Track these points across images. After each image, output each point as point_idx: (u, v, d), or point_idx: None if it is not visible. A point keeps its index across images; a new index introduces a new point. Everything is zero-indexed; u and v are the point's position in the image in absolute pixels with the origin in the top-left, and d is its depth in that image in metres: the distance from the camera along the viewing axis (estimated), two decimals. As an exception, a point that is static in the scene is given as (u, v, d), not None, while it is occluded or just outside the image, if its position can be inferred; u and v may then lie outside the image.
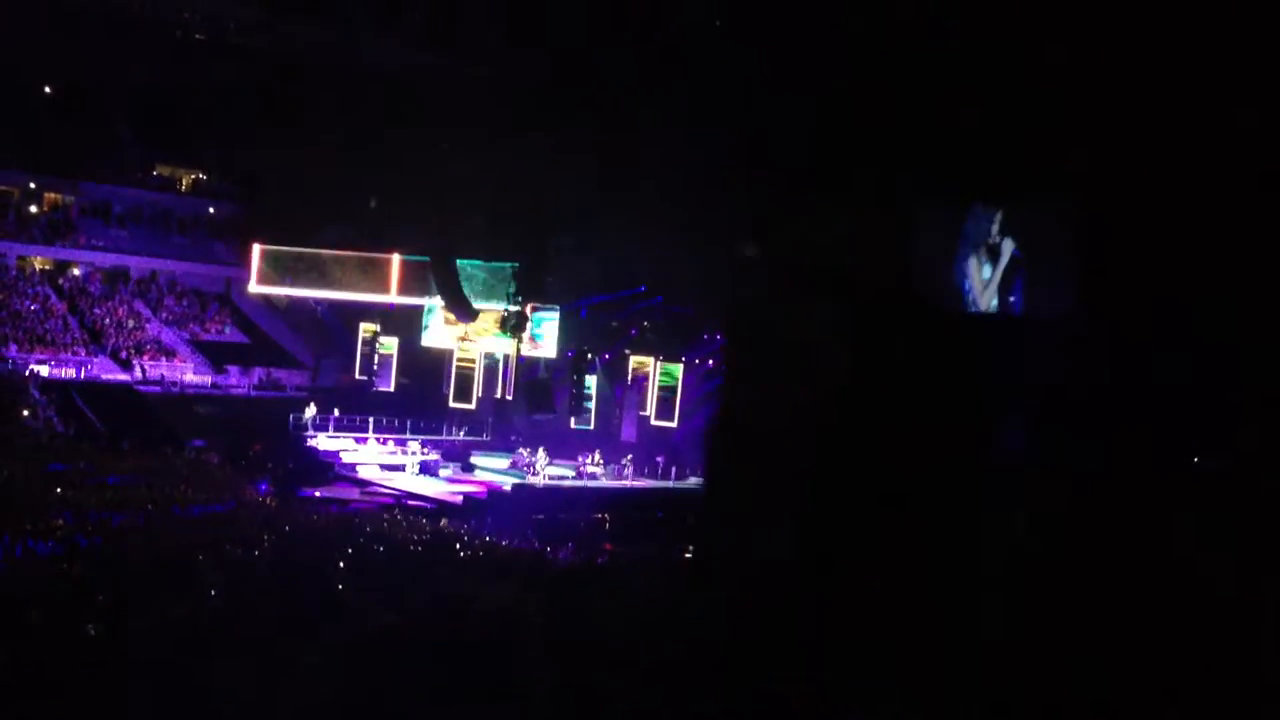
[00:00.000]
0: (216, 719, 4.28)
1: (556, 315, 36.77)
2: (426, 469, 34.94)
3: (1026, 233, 26.64)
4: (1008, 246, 26.86)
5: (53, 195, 47.08)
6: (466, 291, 35.25)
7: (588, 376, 36.85)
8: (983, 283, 27.38)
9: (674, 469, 33.97)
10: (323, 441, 36.19)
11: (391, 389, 39.91)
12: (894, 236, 27.60)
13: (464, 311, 35.93)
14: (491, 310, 35.84)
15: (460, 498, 30.63)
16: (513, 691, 3.92)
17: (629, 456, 35.40)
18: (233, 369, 42.98)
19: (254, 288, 42.26)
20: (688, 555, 25.63)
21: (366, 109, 33.92)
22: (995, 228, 27.16)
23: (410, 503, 30.13)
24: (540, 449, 34.07)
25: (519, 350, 35.73)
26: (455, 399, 38.51)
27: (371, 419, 38.05)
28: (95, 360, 40.16)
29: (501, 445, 38.53)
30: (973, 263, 27.51)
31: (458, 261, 35.10)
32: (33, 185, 46.14)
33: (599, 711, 3.66)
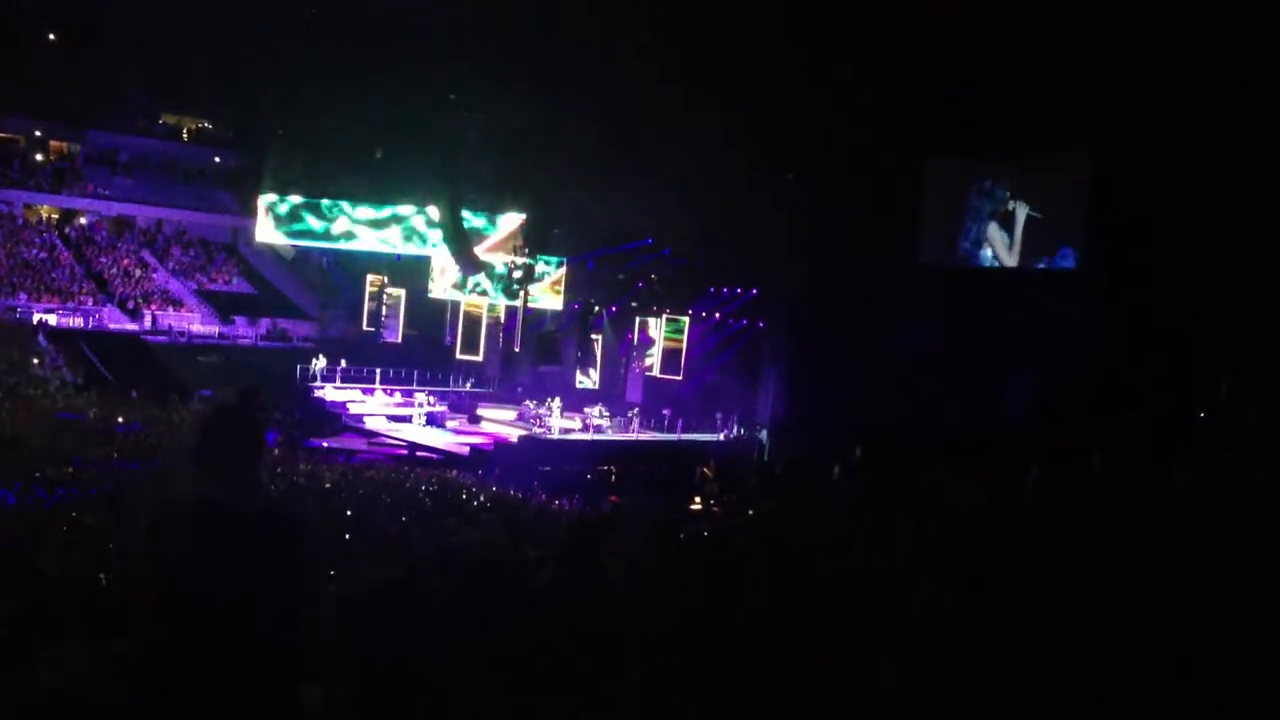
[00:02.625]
0: (225, 667, 4.31)
1: (563, 267, 36.74)
2: (433, 420, 35.02)
3: (1039, 193, 26.61)
4: (1021, 211, 26.76)
5: (58, 143, 46.93)
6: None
7: (593, 336, 36.84)
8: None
9: (680, 422, 34.01)
10: (330, 392, 36.26)
11: (398, 340, 39.92)
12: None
13: (470, 264, 35.85)
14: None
15: (467, 449, 30.71)
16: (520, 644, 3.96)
17: (635, 409, 35.46)
18: (240, 319, 43.05)
19: (260, 238, 42.17)
20: (694, 506, 25.78)
21: (373, 57, 33.60)
22: (1007, 194, 27.05)
23: (418, 454, 30.25)
24: (552, 400, 34.09)
25: (525, 303, 35.70)
26: (462, 351, 38.54)
27: (378, 370, 38.09)
28: (103, 309, 40.22)
29: (508, 397, 38.60)
30: (992, 229, 27.38)
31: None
32: (38, 133, 45.96)
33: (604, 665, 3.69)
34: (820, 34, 25.92)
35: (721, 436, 33.57)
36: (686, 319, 36.45)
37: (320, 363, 37.28)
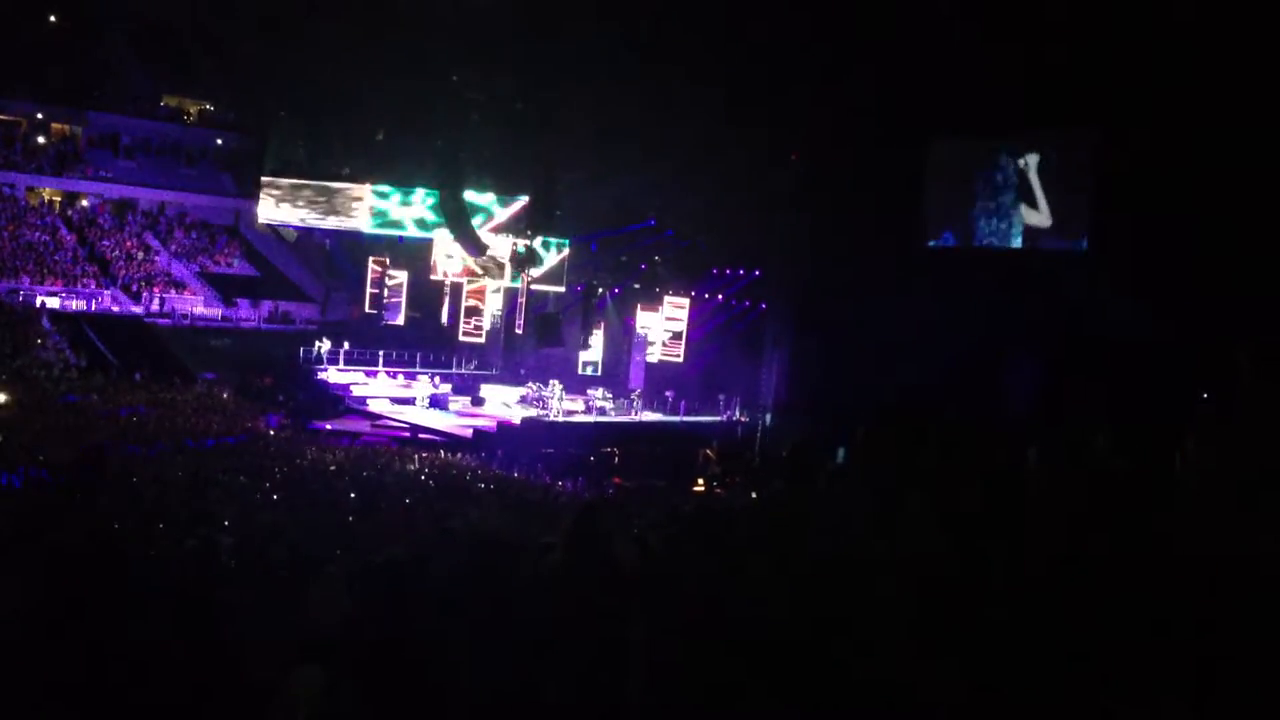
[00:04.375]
0: (228, 648, 4.33)
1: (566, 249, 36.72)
2: (436, 402, 35.05)
3: (1041, 168, 26.48)
4: (1033, 170, 26.57)
5: (60, 126, 46.78)
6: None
7: (594, 331, 36.83)
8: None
9: (683, 404, 34.02)
10: (333, 374, 36.29)
11: (401, 322, 39.92)
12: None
13: (473, 245, 35.80)
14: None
15: (470, 431, 30.75)
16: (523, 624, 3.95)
17: (638, 391, 35.49)
18: (242, 302, 43.02)
19: (262, 220, 42.10)
20: (696, 488, 25.85)
21: (376, 38, 33.51)
22: (1014, 163, 26.91)
23: (421, 436, 30.29)
24: (554, 382, 34.11)
25: (528, 284, 35.69)
26: (464, 333, 38.53)
27: (381, 352, 38.11)
28: (106, 292, 40.21)
29: (511, 379, 38.62)
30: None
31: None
32: (40, 116, 45.82)
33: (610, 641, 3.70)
34: (824, 14, 25.81)
35: (724, 418, 33.59)
36: (687, 301, 36.42)
37: (323, 345, 37.30)
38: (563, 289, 37.25)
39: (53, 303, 37.14)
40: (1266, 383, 3.63)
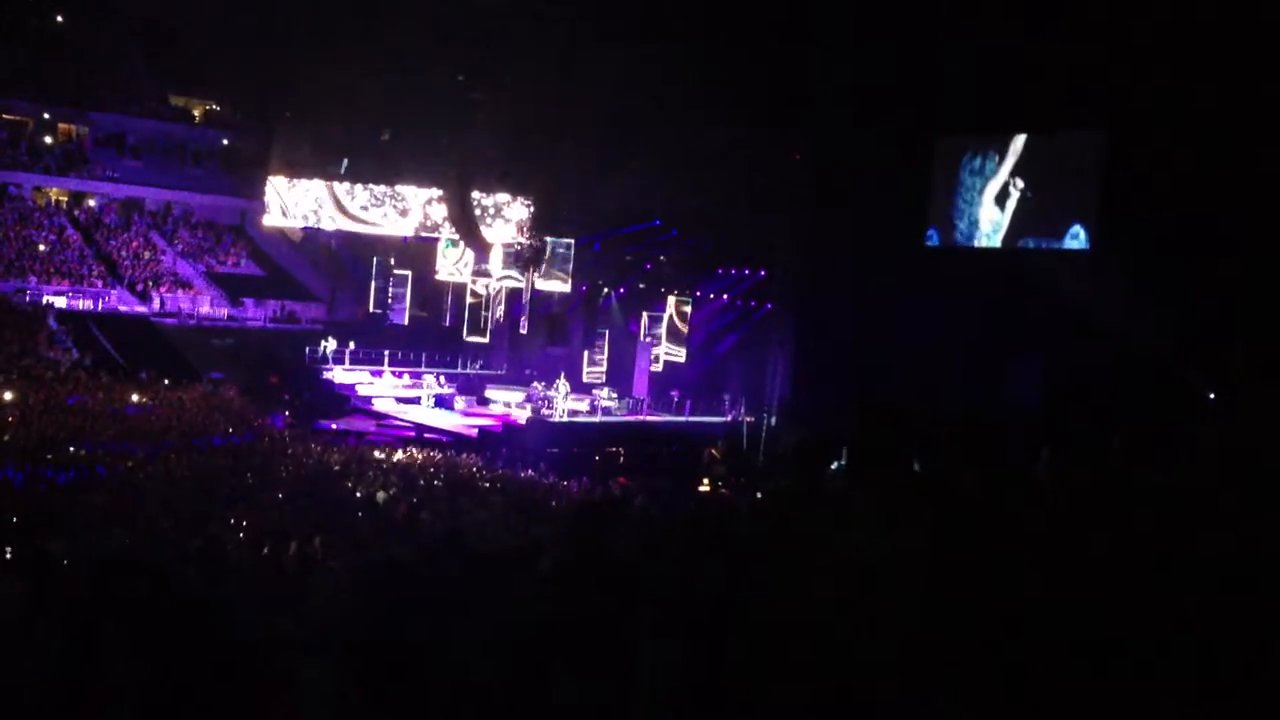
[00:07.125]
0: (233, 648, 4.34)
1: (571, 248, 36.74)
2: (442, 402, 35.07)
3: (1042, 167, 26.47)
4: (1016, 187, 26.64)
5: (66, 126, 46.82)
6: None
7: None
8: (993, 224, 27.18)
9: (688, 404, 34.01)
10: (339, 374, 36.31)
11: (406, 322, 39.94)
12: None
13: (477, 243, 35.84)
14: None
15: (475, 431, 30.77)
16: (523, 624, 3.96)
17: (643, 398, 35.54)
18: (248, 301, 43.03)
19: (268, 220, 42.13)
20: (701, 488, 25.86)
21: (381, 37, 33.54)
22: (1006, 170, 26.92)
23: (426, 435, 30.32)
24: (559, 382, 34.09)
25: (533, 284, 35.70)
26: (469, 332, 38.57)
27: (387, 352, 38.13)
28: (112, 292, 40.28)
29: (516, 379, 38.62)
30: (985, 207, 27.27)
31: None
32: (46, 116, 45.87)
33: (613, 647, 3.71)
34: (830, 13, 25.81)
35: (729, 418, 33.57)
36: (689, 302, 36.40)
37: (329, 344, 37.34)
38: (568, 289, 37.27)
39: (59, 302, 37.19)
40: (1263, 384, 3.63)
